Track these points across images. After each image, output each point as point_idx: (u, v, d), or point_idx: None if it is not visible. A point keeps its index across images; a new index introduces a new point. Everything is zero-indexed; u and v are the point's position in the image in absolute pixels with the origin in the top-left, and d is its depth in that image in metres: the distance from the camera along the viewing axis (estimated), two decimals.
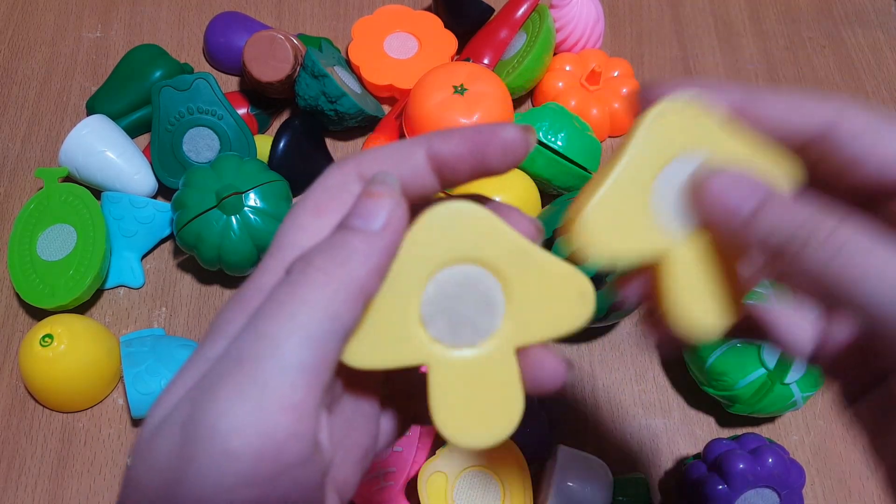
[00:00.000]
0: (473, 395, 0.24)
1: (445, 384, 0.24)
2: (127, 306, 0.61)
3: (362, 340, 0.23)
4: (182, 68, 0.69)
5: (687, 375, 0.58)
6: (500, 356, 0.24)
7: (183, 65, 0.69)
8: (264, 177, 0.58)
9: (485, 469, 0.50)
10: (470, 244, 0.24)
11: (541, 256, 0.24)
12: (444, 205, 0.24)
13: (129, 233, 0.61)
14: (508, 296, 0.24)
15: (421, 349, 0.24)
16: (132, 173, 0.62)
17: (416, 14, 0.72)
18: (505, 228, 0.24)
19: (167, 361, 0.54)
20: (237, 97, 0.69)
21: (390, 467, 0.52)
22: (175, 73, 0.67)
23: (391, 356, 0.24)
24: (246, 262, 0.57)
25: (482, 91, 0.62)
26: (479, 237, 0.24)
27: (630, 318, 0.62)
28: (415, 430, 0.53)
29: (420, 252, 0.24)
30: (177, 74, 0.67)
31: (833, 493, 0.55)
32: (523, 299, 0.24)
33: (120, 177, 0.61)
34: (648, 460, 0.56)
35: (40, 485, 0.54)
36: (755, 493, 0.49)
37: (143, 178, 0.62)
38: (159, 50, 0.68)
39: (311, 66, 0.63)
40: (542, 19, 0.67)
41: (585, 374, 0.59)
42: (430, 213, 0.24)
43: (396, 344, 0.24)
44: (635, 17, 0.78)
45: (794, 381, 0.51)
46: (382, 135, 0.65)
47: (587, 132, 0.62)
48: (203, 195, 0.56)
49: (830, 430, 0.57)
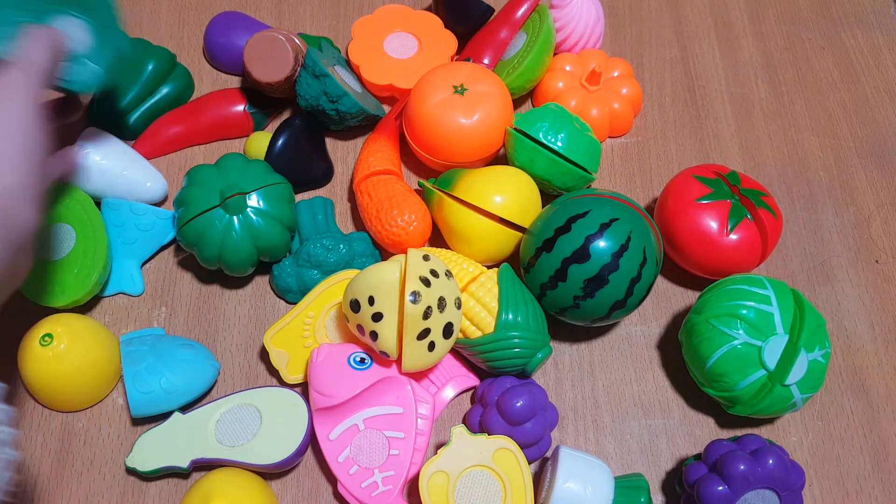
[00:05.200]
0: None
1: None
2: (127, 306, 0.61)
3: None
4: (171, 57, 0.69)
5: (687, 376, 0.58)
6: None
7: (171, 54, 0.70)
8: (269, 178, 0.58)
9: (486, 469, 0.50)
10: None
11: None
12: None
13: (129, 240, 0.61)
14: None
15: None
16: (142, 182, 0.62)
17: (416, 14, 0.72)
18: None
19: (167, 360, 0.54)
20: (235, 93, 0.69)
21: (388, 471, 0.52)
22: (166, 61, 0.68)
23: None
24: (246, 262, 0.57)
25: (482, 91, 0.62)
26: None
27: (630, 318, 0.62)
28: (410, 433, 0.53)
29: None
30: (168, 63, 0.68)
31: (831, 494, 0.55)
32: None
33: (133, 190, 0.62)
34: (648, 460, 0.56)
35: (40, 484, 0.54)
36: (755, 495, 0.49)
37: (154, 184, 0.63)
38: (145, 43, 0.68)
39: (312, 65, 0.63)
40: (543, 19, 0.67)
41: (585, 374, 0.59)
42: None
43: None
44: (635, 18, 0.78)
45: (794, 383, 0.52)
46: (382, 134, 0.65)
47: (587, 132, 0.62)
48: (207, 194, 0.56)
49: (829, 431, 0.58)
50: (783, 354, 0.52)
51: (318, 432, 0.53)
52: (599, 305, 0.53)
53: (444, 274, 0.53)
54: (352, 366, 0.53)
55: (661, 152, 0.70)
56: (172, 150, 0.68)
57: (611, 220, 0.53)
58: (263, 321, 0.61)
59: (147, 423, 0.56)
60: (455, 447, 0.51)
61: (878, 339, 0.62)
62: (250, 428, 0.53)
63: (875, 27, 0.79)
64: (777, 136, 0.71)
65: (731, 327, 0.52)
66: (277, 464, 0.52)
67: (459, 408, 0.58)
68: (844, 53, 0.77)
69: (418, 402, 0.54)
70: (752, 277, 0.55)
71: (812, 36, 0.78)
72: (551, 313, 0.56)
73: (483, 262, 0.60)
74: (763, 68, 0.75)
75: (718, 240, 0.57)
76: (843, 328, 0.62)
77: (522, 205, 0.59)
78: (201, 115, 0.68)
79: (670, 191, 0.60)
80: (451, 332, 0.53)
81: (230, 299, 0.62)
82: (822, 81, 0.75)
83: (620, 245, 0.52)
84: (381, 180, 0.62)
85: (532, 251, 0.55)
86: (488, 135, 0.62)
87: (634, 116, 0.71)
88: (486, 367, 0.56)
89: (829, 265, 0.65)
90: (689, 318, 0.56)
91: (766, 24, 0.79)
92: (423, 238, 0.60)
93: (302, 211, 0.62)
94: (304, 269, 0.59)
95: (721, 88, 0.74)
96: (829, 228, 0.67)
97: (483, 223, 0.58)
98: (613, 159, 0.70)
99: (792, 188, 0.69)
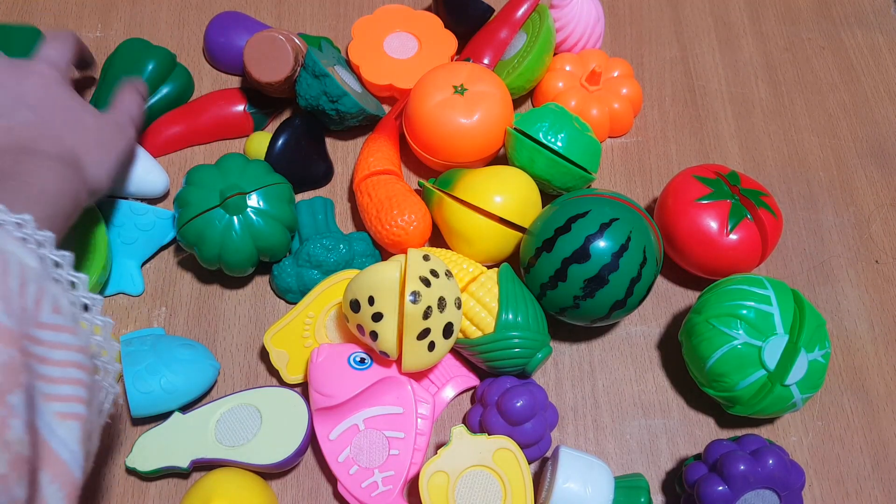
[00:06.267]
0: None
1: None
2: (127, 306, 0.61)
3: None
4: (171, 57, 0.69)
5: (687, 375, 0.58)
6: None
7: (172, 54, 0.70)
8: (269, 178, 0.58)
9: (486, 469, 0.50)
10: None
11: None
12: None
13: (129, 240, 0.61)
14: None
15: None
16: (142, 175, 0.62)
17: (416, 14, 0.72)
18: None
19: (167, 360, 0.54)
20: (235, 94, 0.69)
21: (388, 471, 0.52)
22: (166, 61, 0.68)
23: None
24: (246, 262, 0.57)
25: (482, 91, 0.62)
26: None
27: (630, 318, 0.62)
28: (410, 433, 0.53)
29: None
30: (168, 63, 0.68)
31: (831, 494, 0.55)
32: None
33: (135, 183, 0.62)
34: (648, 460, 0.56)
35: None
36: (755, 495, 0.49)
37: (155, 177, 0.63)
38: (145, 43, 0.69)
39: (312, 65, 0.63)
40: (543, 19, 0.67)
41: (585, 374, 0.59)
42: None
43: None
44: (635, 18, 0.78)
45: (794, 383, 0.52)
46: (382, 134, 0.65)
47: (587, 132, 0.62)
48: (207, 193, 0.56)
49: (829, 431, 0.58)
50: (783, 354, 0.52)
51: (318, 432, 0.53)
52: (599, 305, 0.53)
53: (444, 274, 0.53)
54: (352, 366, 0.53)
55: (661, 152, 0.70)
56: (173, 150, 0.68)
57: (611, 220, 0.53)
58: (263, 321, 0.61)
59: (147, 423, 0.56)
60: (455, 447, 0.51)
61: (878, 339, 0.62)
62: (250, 428, 0.53)
63: (875, 27, 0.79)
64: (777, 136, 0.71)
65: (731, 327, 0.52)
66: (277, 464, 0.52)
67: (459, 408, 0.58)
68: (844, 53, 0.77)
69: (418, 402, 0.54)
70: (752, 277, 0.55)
71: (812, 36, 0.78)
72: (551, 313, 0.56)
73: (483, 262, 0.60)
74: (763, 68, 0.75)
75: (718, 240, 0.57)
76: (843, 328, 0.62)
77: (522, 205, 0.59)
78: (201, 115, 0.68)
79: (670, 191, 0.60)
80: (451, 332, 0.53)
81: (230, 299, 0.62)
82: (822, 81, 0.75)
83: (620, 245, 0.52)
84: (381, 180, 0.62)
85: (532, 251, 0.55)
86: (488, 135, 0.62)
87: (634, 116, 0.71)
88: (486, 367, 0.56)
89: (829, 265, 0.65)
90: (689, 318, 0.56)
91: (766, 24, 0.79)
92: (423, 238, 0.60)
93: (302, 211, 0.62)
94: (304, 269, 0.59)
95: (721, 88, 0.74)
96: (829, 228, 0.67)
97: (483, 223, 0.58)
98: (613, 159, 0.70)
99: (792, 188, 0.69)
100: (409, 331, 0.51)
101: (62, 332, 0.36)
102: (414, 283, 0.50)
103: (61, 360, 0.35)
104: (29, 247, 0.37)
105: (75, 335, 0.36)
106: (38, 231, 0.38)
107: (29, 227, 0.38)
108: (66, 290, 0.39)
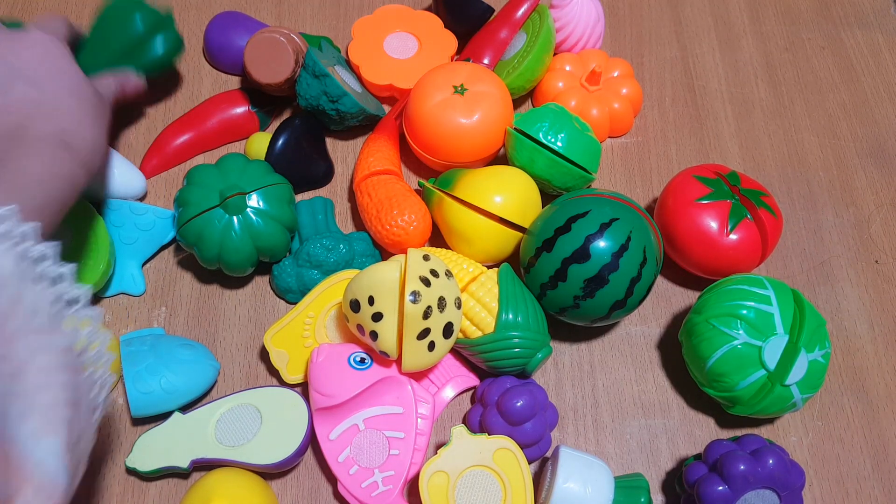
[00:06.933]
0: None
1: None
2: (127, 306, 0.61)
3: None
4: (165, 16, 0.64)
5: (687, 375, 0.58)
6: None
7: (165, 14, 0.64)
8: (269, 179, 0.58)
9: (486, 469, 0.50)
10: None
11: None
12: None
13: (129, 240, 0.61)
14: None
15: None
16: (119, 177, 0.62)
17: (416, 14, 0.72)
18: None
19: (167, 360, 0.54)
20: (237, 95, 0.69)
21: (388, 471, 0.52)
22: (155, 21, 0.62)
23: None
24: (246, 262, 0.57)
25: (482, 91, 0.62)
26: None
27: (630, 318, 0.62)
28: (411, 433, 0.53)
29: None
30: (159, 22, 0.63)
31: (831, 494, 0.55)
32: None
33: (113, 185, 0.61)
34: (648, 460, 0.56)
35: None
36: (755, 495, 0.49)
37: (131, 179, 0.62)
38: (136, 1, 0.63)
39: (312, 65, 0.63)
40: (543, 19, 0.67)
41: (585, 374, 0.59)
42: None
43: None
44: (635, 17, 0.78)
45: (794, 383, 0.52)
46: (382, 134, 0.65)
47: (587, 132, 0.62)
48: (207, 193, 0.56)
49: (828, 431, 0.58)
50: (783, 354, 0.52)
51: (318, 432, 0.53)
52: (599, 305, 0.53)
53: (444, 274, 0.53)
54: (352, 366, 0.53)
55: (661, 152, 0.70)
56: (182, 161, 0.67)
57: (611, 219, 0.53)
58: (263, 321, 0.61)
59: (147, 423, 0.56)
60: (455, 447, 0.51)
61: (878, 339, 0.62)
62: (250, 428, 0.53)
63: (875, 27, 0.79)
64: (777, 136, 0.71)
65: (731, 327, 0.52)
66: (277, 464, 0.52)
67: (459, 408, 0.58)
68: (844, 53, 0.77)
69: (418, 401, 0.54)
70: (752, 277, 0.55)
71: (812, 36, 0.78)
72: (551, 313, 0.56)
73: (483, 262, 0.60)
74: (763, 68, 0.75)
75: (718, 240, 0.57)
76: (843, 328, 0.62)
77: (522, 205, 0.59)
78: (207, 120, 0.67)
79: (670, 191, 0.60)
80: (451, 332, 0.53)
81: (230, 299, 0.62)
82: (822, 81, 0.75)
83: (620, 245, 0.52)
84: (381, 180, 0.62)
85: (532, 251, 0.55)
86: (488, 135, 0.62)
87: (634, 116, 0.71)
88: (486, 367, 0.56)
89: (829, 265, 0.65)
90: (689, 318, 0.56)
91: (766, 24, 0.79)
92: (423, 238, 0.60)
93: (302, 211, 0.62)
94: (304, 269, 0.59)
95: (721, 88, 0.74)
96: (829, 228, 0.67)
97: (483, 223, 0.58)
98: (613, 159, 0.70)
99: (792, 188, 0.69)
100: (409, 331, 0.51)
101: (41, 336, 0.34)
102: (414, 282, 0.50)
103: (42, 365, 0.34)
104: (6, 245, 0.36)
105: (56, 336, 0.35)
106: (20, 224, 0.37)
107: (11, 221, 0.37)
108: (49, 287, 0.37)
